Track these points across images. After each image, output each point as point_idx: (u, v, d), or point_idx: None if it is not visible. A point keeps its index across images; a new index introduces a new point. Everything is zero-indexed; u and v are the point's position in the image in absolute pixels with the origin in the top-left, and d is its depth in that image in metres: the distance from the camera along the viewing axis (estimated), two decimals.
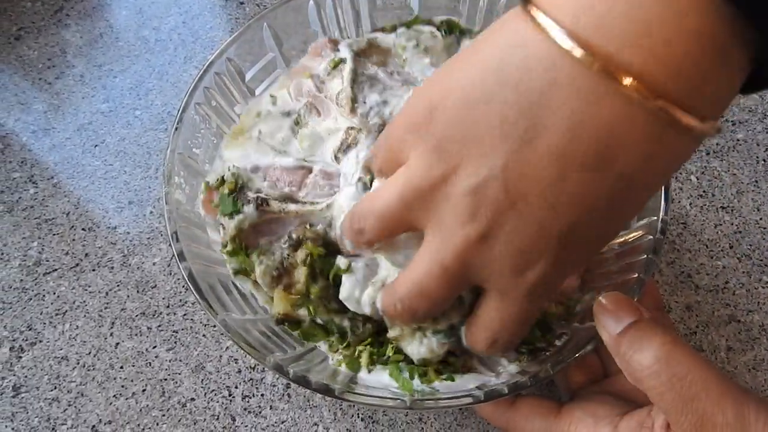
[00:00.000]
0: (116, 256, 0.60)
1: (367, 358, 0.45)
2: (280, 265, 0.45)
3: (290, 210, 0.46)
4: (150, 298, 0.58)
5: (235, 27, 0.74)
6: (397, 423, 0.52)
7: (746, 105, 0.68)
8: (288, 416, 0.53)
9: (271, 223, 0.47)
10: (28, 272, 0.59)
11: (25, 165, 0.65)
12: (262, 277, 0.46)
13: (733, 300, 0.58)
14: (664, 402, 0.34)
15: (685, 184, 0.64)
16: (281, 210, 0.46)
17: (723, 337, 0.56)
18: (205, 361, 0.55)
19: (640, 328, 0.36)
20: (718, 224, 0.62)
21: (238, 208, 0.46)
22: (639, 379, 0.35)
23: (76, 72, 0.71)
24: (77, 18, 0.75)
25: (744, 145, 0.66)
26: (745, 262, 0.60)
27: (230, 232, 0.47)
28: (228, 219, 0.47)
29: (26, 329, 0.57)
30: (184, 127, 0.50)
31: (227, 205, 0.47)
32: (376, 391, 0.42)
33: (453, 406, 0.41)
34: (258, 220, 0.46)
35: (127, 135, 0.67)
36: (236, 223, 0.46)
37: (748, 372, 0.55)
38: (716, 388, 0.34)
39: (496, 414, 0.44)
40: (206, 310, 0.43)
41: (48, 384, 0.54)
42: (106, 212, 0.62)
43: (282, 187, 0.48)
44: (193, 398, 0.54)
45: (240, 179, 0.48)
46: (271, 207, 0.46)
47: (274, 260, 0.45)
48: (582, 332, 0.43)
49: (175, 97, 0.69)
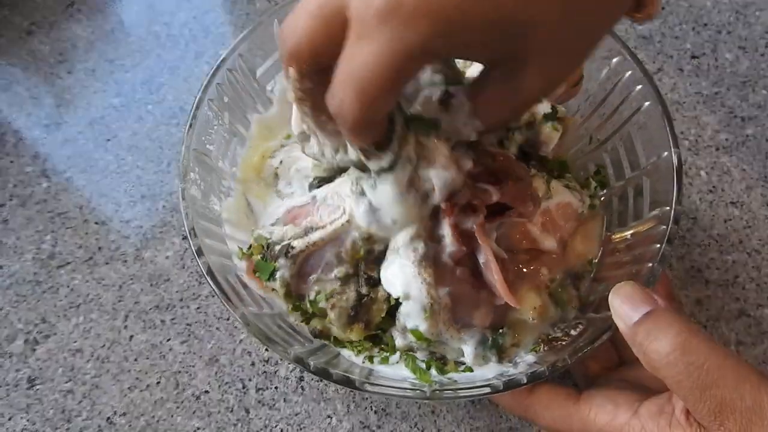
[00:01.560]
0: (129, 250, 0.60)
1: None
2: (356, 304, 0.45)
3: (316, 239, 0.45)
4: (163, 292, 0.58)
5: (245, 22, 0.75)
6: (410, 415, 0.53)
7: (755, 101, 0.69)
8: (302, 408, 0.53)
9: (309, 259, 0.46)
10: (42, 265, 0.60)
11: (38, 159, 0.65)
12: (337, 321, 0.45)
13: (743, 294, 0.58)
14: (682, 390, 0.35)
15: (695, 180, 0.64)
16: (308, 244, 0.46)
17: (733, 332, 0.57)
18: (219, 353, 0.55)
19: (657, 318, 0.36)
20: (728, 219, 0.62)
21: (274, 267, 0.46)
22: (656, 368, 0.36)
23: (87, 67, 0.71)
24: (88, 13, 0.75)
25: (753, 141, 0.67)
26: (754, 257, 0.60)
27: (280, 290, 0.46)
28: (273, 282, 0.47)
29: (40, 322, 0.57)
30: (198, 123, 0.50)
31: (265, 270, 0.47)
32: (395, 382, 0.42)
33: (472, 396, 0.41)
34: (295, 265, 0.46)
35: (140, 129, 0.67)
36: (280, 281, 0.46)
37: (758, 366, 0.55)
38: (733, 374, 0.34)
39: (515, 402, 0.44)
40: (226, 304, 0.43)
41: (62, 376, 0.55)
42: (118, 206, 0.63)
43: (300, 222, 0.48)
44: (207, 391, 0.54)
45: (262, 240, 0.48)
46: (298, 247, 0.46)
47: (346, 300, 0.45)
48: (598, 321, 0.44)
49: (187, 92, 0.69)
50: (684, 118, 0.68)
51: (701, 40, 0.73)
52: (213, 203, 0.51)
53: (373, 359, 0.46)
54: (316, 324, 0.47)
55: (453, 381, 0.43)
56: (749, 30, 0.74)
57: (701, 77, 0.71)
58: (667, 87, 0.70)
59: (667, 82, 0.70)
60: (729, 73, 0.71)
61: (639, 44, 0.73)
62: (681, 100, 0.69)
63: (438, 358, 0.46)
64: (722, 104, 0.69)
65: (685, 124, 0.68)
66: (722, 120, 0.68)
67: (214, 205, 0.51)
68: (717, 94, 0.70)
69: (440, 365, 0.44)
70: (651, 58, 0.72)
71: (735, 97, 0.69)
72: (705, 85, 0.70)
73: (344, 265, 0.45)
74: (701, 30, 0.74)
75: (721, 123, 0.68)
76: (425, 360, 0.45)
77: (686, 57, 0.72)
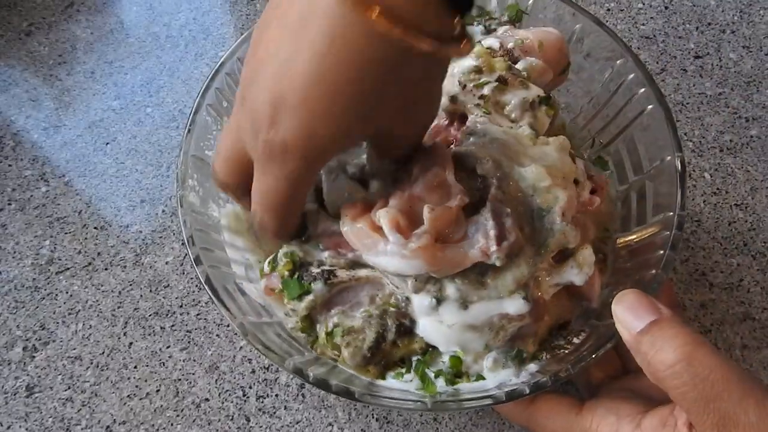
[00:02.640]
0: (129, 255, 0.60)
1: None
2: (373, 346, 0.43)
3: (361, 276, 0.44)
4: (163, 298, 0.58)
5: (245, 24, 0.74)
6: (412, 423, 0.52)
7: (759, 101, 0.68)
8: (303, 416, 0.53)
9: (342, 292, 0.44)
10: (41, 271, 0.59)
11: (37, 163, 0.65)
12: (351, 359, 0.44)
13: (748, 298, 0.58)
14: (685, 401, 0.34)
15: (699, 182, 0.64)
16: (351, 278, 0.44)
17: (738, 335, 0.56)
18: (219, 361, 0.55)
19: (661, 327, 0.36)
20: (732, 222, 0.62)
21: (305, 288, 0.44)
22: (660, 379, 0.35)
23: (86, 68, 0.71)
24: (87, 14, 0.75)
25: (758, 142, 0.66)
26: (759, 260, 0.60)
27: (301, 313, 0.44)
28: (297, 302, 0.44)
29: (39, 329, 0.57)
30: (197, 128, 0.50)
31: (293, 289, 0.44)
32: (396, 393, 0.42)
33: (473, 407, 0.41)
34: (328, 295, 0.44)
35: (139, 132, 0.67)
36: (307, 303, 0.44)
37: (763, 369, 0.55)
38: (738, 388, 0.33)
39: (516, 412, 0.44)
40: (225, 314, 0.43)
41: (61, 384, 0.54)
42: (118, 211, 0.62)
43: (345, 253, 0.44)
44: (207, 398, 0.53)
45: (296, 257, 0.45)
46: (340, 277, 0.44)
47: (363, 340, 0.43)
48: (601, 329, 0.43)
49: (186, 94, 0.69)
50: (688, 118, 0.67)
51: (705, 39, 0.73)
52: (212, 210, 0.50)
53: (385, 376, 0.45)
54: (326, 352, 0.46)
55: (455, 391, 0.42)
56: (753, 29, 0.73)
57: (705, 77, 0.70)
58: (670, 87, 0.69)
59: (670, 83, 0.70)
60: (733, 73, 0.70)
61: (642, 44, 0.72)
62: (684, 101, 0.69)
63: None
64: (726, 105, 0.68)
65: (689, 124, 0.67)
66: (726, 121, 0.67)
67: (213, 212, 0.50)
68: (721, 95, 0.69)
69: (450, 377, 0.44)
70: (654, 58, 0.71)
71: (739, 98, 0.69)
72: (709, 85, 0.70)
73: (373, 308, 0.44)
74: (705, 30, 0.73)
75: (725, 124, 0.67)
76: (435, 370, 0.45)
77: (690, 57, 0.72)
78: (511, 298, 0.41)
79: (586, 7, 0.72)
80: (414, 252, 0.39)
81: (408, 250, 0.39)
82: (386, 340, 0.43)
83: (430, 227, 0.39)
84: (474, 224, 0.41)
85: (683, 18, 0.74)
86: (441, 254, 0.40)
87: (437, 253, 0.39)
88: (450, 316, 0.42)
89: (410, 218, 0.40)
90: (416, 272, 0.40)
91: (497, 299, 0.41)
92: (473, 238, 0.40)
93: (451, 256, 0.40)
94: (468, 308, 0.41)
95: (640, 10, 0.75)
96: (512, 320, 0.42)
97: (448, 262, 0.40)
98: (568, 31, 0.54)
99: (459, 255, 0.40)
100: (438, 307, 0.42)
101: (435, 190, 0.41)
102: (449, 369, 0.44)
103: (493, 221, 0.40)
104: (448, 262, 0.40)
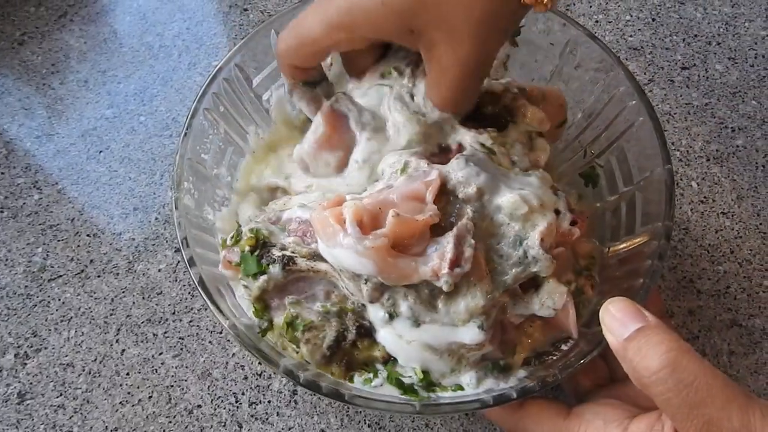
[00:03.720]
0: (121, 263, 0.60)
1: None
2: (332, 345, 0.43)
3: (320, 270, 0.43)
4: (156, 305, 0.58)
5: (239, 33, 0.75)
6: (404, 429, 0.53)
7: (745, 111, 0.69)
8: (295, 423, 0.53)
9: (298, 281, 0.45)
10: (33, 278, 0.59)
11: (29, 171, 0.65)
12: (310, 356, 0.44)
13: (735, 304, 0.59)
14: (670, 407, 0.35)
15: (686, 190, 0.65)
16: (310, 269, 0.43)
17: (725, 342, 0.57)
18: (212, 367, 0.55)
19: (647, 334, 0.37)
20: (719, 229, 0.63)
21: (262, 269, 0.43)
22: (645, 385, 0.36)
23: (80, 77, 0.71)
24: (81, 23, 0.75)
25: (743, 152, 0.67)
26: (746, 267, 0.60)
27: (254, 292, 0.44)
28: (252, 279, 0.44)
29: (31, 336, 0.57)
30: (193, 132, 0.50)
31: (251, 266, 0.44)
32: (386, 396, 0.42)
33: (462, 410, 0.41)
34: (283, 280, 0.44)
35: (132, 141, 0.67)
36: (260, 284, 0.44)
37: (750, 375, 0.56)
38: (722, 394, 0.34)
39: (505, 417, 0.44)
40: (217, 315, 0.43)
41: (53, 391, 0.54)
42: (110, 218, 0.63)
43: (309, 242, 0.44)
44: (199, 405, 0.54)
45: (260, 235, 0.44)
46: (299, 266, 0.43)
47: (323, 339, 0.43)
48: (588, 336, 0.44)
49: (180, 103, 0.69)
50: (675, 129, 0.68)
51: (691, 51, 0.74)
52: (207, 212, 0.51)
53: (354, 379, 0.45)
54: (283, 344, 0.46)
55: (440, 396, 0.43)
56: (739, 41, 0.74)
57: (691, 88, 0.71)
58: (657, 98, 0.70)
59: (657, 93, 0.71)
60: (719, 84, 0.71)
61: (630, 56, 0.73)
62: (672, 111, 0.70)
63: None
64: (713, 115, 0.69)
65: (676, 134, 0.68)
66: (713, 131, 0.68)
67: (208, 215, 0.51)
68: (707, 105, 0.70)
69: (426, 386, 0.44)
70: (642, 69, 0.72)
71: (725, 108, 0.70)
72: (695, 96, 0.71)
73: (329, 304, 0.44)
74: (691, 41, 0.75)
75: (712, 134, 0.68)
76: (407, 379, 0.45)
77: (677, 68, 0.73)
78: (466, 326, 0.41)
79: (575, 18, 0.73)
80: (368, 250, 0.39)
81: (362, 247, 0.39)
82: (346, 340, 0.43)
83: (389, 231, 0.40)
84: (435, 244, 0.41)
85: (670, 30, 0.75)
86: (392, 261, 0.40)
87: (388, 258, 0.39)
88: (406, 332, 0.42)
89: (376, 219, 0.41)
90: (366, 272, 0.40)
91: (451, 326, 0.42)
92: (429, 256, 0.41)
93: (402, 266, 0.40)
94: (420, 326, 0.42)
95: (627, 22, 0.76)
96: (471, 349, 0.42)
97: (397, 270, 0.40)
98: (559, 42, 0.55)
99: (409, 267, 0.40)
100: (391, 321, 0.42)
101: (409, 201, 0.41)
102: (419, 383, 0.44)
103: (453, 246, 0.40)
104: (398, 271, 0.40)
